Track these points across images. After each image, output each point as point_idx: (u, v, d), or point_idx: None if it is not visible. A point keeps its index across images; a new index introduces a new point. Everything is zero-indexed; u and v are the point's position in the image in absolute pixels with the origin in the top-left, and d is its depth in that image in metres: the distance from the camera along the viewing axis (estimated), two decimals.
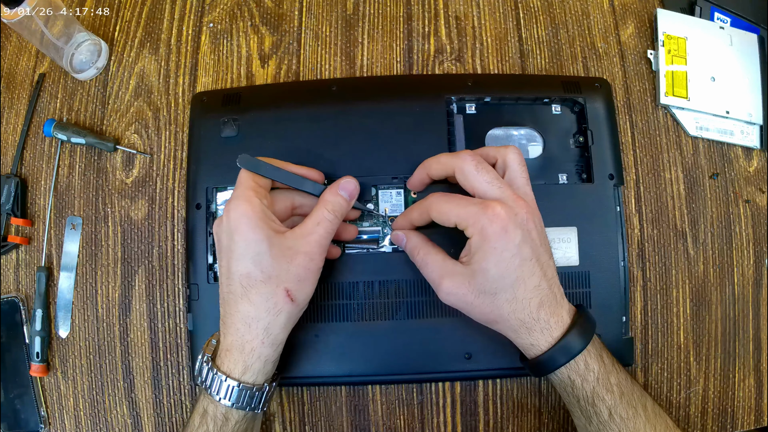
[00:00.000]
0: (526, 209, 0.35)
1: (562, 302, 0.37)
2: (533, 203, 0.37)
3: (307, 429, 0.46)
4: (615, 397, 0.35)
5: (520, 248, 0.34)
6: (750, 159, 0.51)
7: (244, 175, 0.38)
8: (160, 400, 0.47)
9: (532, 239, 0.35)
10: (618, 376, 0.36)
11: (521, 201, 0.36)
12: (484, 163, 0.37)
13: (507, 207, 0.35)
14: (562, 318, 0.36)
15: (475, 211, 0.35)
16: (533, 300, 0.35)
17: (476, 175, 0.36)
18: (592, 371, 0.35)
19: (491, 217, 0.34)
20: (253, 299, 0.36)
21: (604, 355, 0.37)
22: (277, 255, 0.35)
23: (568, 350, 0.35)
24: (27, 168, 0.50)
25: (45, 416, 0.47)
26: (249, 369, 0.36)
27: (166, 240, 0.48)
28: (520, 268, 0.35)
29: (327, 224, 0.37)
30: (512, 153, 0.38)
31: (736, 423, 0.47)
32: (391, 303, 0.43)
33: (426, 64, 0.51)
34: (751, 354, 0.48)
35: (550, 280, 0.36)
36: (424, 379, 0.45)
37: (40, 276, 0.47)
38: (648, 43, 0.52)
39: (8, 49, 0.53)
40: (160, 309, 0.47)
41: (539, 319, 0.35)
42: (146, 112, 0.50)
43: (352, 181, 0.40)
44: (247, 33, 0.52)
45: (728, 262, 0.49)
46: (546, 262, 0.36)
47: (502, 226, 0.34)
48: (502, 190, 0.36)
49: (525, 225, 0.35)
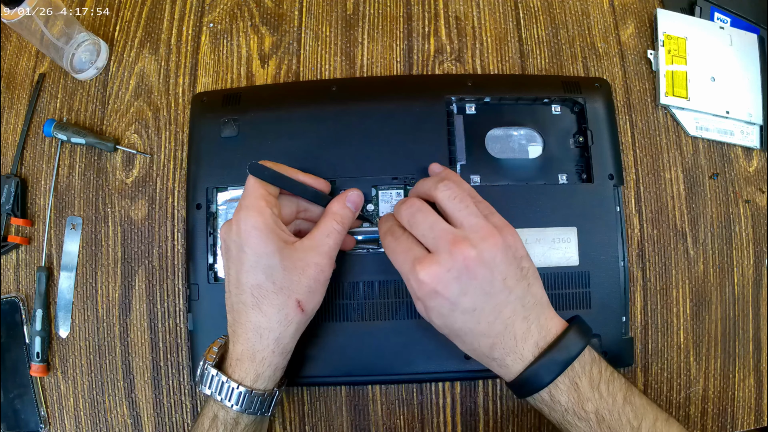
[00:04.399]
0: (463, 257, 0.32)
1: (527, 337, 0.34)
2: (484, 232, 0.34)
3: (307, 429, 0.46)
4: (591, 424, 0.34)
5: (458, 303, 0.33)
6: (750, 159, 0.51)
7: (253, 182, 0.37)
8: (160, 400, 0.47)
9: (476, 287, 0.33)
10: (599, 402, 0.34)
11: (459, 248, 0.33)
12: (417, 213, 0.35)
13: (434, 266, 0.33)
14: (522, 356, 0.34)
15: (406, 272, 0.35)
16: (483, 344, 0.34)
17: (410, 228, 0.36)
18: (558, 403, 0.34)
19: (417, 282, 0.34)
20: (264, 310, 0.36)
21: (583, 380, 0.34)
22: (289, 267, 0.36)
23: (526, 386, 0.34)
24: (27, 168, 0.50)
25: (45, 416, 0.47)
26: (260, 377, 0.37)
27: (166, 240, 0.48)
28: (462, 320, 0.34)
29: (336, 235, 0.38)
30: (440, 192, 0.36)
31: (736, 423, 0.47)
32: (391, 303, 0.43)
33: (426, 64, 0.51)
34: (751, 354, 0.48)
35: (507, 319, 0.34)
36: (424, 379, 0.45)
37: (40, 276, 0.47)
38: (648, 43, 0.52)
39: (8, 49, 0.53)
40: (160, 309, 0.47)
41: (494, 358, 0.35)
42: (146, 112, 0.50)
43: (358, 193, 0.40)
44: (247, 33, 0.52)
45: (728, 262, 0.49)
46: (503, 301, 0.34)
47: (429, 290, 0.33)
48: (435, 241, 0.34)
49: (463, 276, 0.33)
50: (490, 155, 0.46)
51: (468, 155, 0.45)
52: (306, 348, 0.42)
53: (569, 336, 0.34)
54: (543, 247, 0.44)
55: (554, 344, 0.34)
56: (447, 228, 0.34)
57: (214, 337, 0.41)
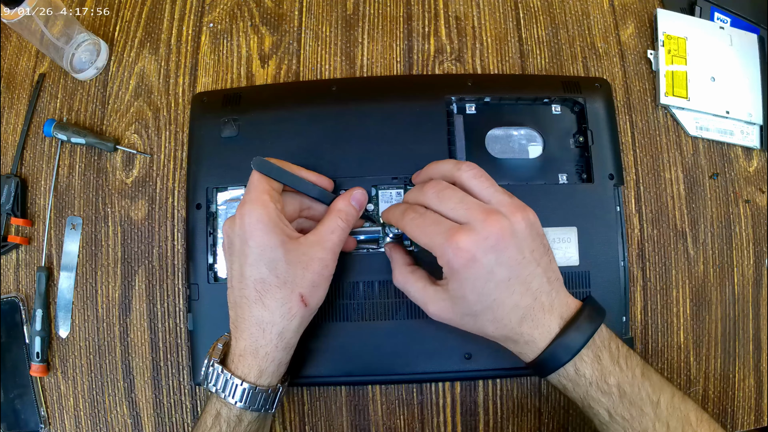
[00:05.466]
0: (499, 226, 0.33)
1: (552, 309, 0.35)
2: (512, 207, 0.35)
3: (307, 429, 0.46)
4: (614, 398, 0.35)
5: (493, 272, 0.33)
6: (750, 159, 0.51)
7: (257, 177, 0.37)
8: (160, 400, 0.47)
9: (509, 257, 0.34)
10: (620, 376, 0.35)
11: (492, 218, 0.33)
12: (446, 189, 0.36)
13: (473, 234, 0.33)
14: (549, 329, 0.35)
15: (439, 243, 0.34)
16: (513, 317, 0.35)
17: (439, 205, 0.36)
18: (583, 376, 0.35)
19: (455, 251, 0.33)
20: (267, 304, 0.36)
21: (604, 354, 0.35)
22: (293, 261, 0.36)
23: (553, 361, 0.35)
24: (27, 168, 0.50)
25: (45, 416, 0.47)
26: (264, 373, 0.36)
27: (166, 240, 0.48)
28: (496, 291, 0.34)
29: (340, 232, 0.38)
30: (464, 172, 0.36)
31: (736, 423, 0.47)
32: (391, 303, 0.43)
33: (426, 64, 0.51)
34: (751, 354, 0.48)
35: (535, 291, 0.35)
36: (424, 379, 0.45)
37: (40, 276, 0.47)
38: (648, 43, 0.52)
39: (8, 49, 0.53)
40: (160, 309, 0.47)
41: (522, 333, 0.35)
42: (146, 112, 0.50)
43: (362, 192, 0.40)
44: (247, 33, 0.52)
45: (728, 262, 0.49)
46: (531, 272, 0.35)
47: (468, 257, 0.33)
48: (468, 212, 0.34)
49: (499, 245, 0.33)
50: (490, 155, 0.46)
51: (468, 155, 0.45)
52: (306, 348, 0.42)
53: (589, 309, 0.36)
54: None
55: (577, 316, 0.35)
56: (478, 201, 0.35)
57: (214, 337, 0.41)
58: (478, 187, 0.36)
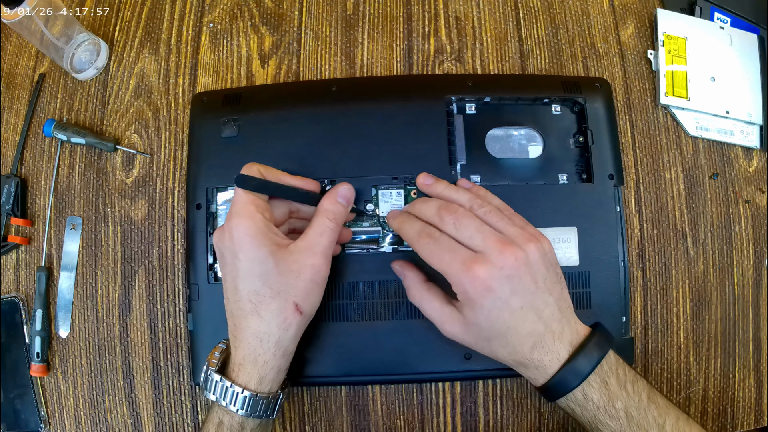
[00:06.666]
0: (514, 257, 0.34)
1: (562, 337, 0.36)
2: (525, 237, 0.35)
3: (307, 429, 0.46)
4: (621, 422, 0.35)
5: (508, 302, 0.34)
6: (750, 159, 0.51)
7: (241, 189, 0.38)
8: (160, 400, 0.47)
9: (523, 287, 0.34)
10: (627, 400, 0.35)
11: (509, 249, 0.34)
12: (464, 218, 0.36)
13: (489, 265, 0.34)
14: (559, 355, 0.36)
15: (456, 271, 0.34)
16: (526, 344, 0.35)
17: (456, 233, 0.36)
18: (591, 401, 0.35)
19: (471, 281, 0.34)
20: (263, 315, 0.36)
21: (611, 379, 0.36)
22: (284, 270, 0.36)
23: (562, 386, 0.36)
24: (27, 168, 0.50)
25: (45, 416, 0.47)
26: (264, 380, 0.37)
27: (166, 240, 0.48)
28: (510, 319, 0.35)
29: (330, 233, 0.38)
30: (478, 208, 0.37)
31: (736, 423, 0.47)
32: (391, 303, 0.43)
33: (426, 64, 0.51)
34: (751, 354, 0.48)
35: (547, 319, 0.36)
36: (424, 379, 0.45)
37: (40, 276, 0.47)
38: (648, 43, 0.52)
39: (8, 49, 0.53)
40: (160, 309, 0.47)
41: (533, 359, 0.36)
42: (146, 112, 0.50)
43: (348, 187, 0.40)
44: (247, 33, 0.52)
45: (728, 262, 0.49)
46: (544, 301, 0.35)
47: (484, 287, 0.34)
48: (485, 242, 0.35)
49: (514, 275, 0.34)
50: (490, 155, 0.46)
51: (468, 155, 0.45)
52: (306, 348, 0.42)
53: (597, 336, 0.37)
54: None
55: (586, 343, 0.36)
56: (494, 231, 0.36)
57: (215, 338, 0.41)
58: (492, 221, 0.37)
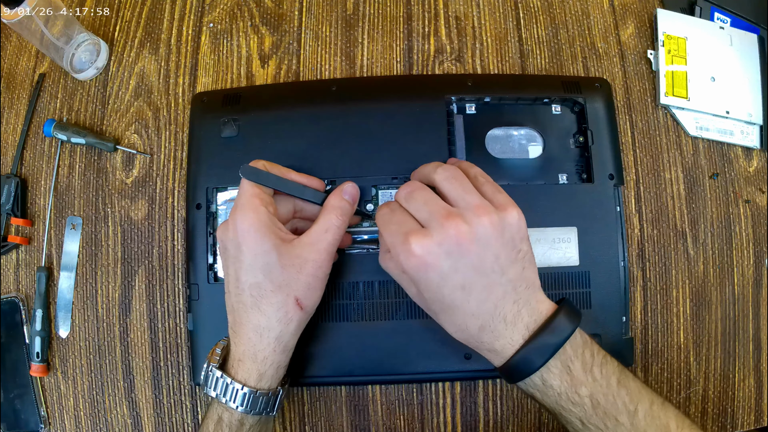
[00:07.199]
0: (456, 231, 0.32)
1: (515, 322, 0.33)
2: (480, 209, 0.33)
3: (307, 429, 0.46)
4: (586, 409, 0.33)
5: (447, 278, 0.33)
6: (750, 159, 0.51)
7: (247, 182, 0.38)
8: (160, 400, 0.47)
9: (467, 264, 0.32)
10: (593, 386, 0.33)
11: (451, 223, 0.32)
12: (416, 191, 0.35)
13: (428, 239, 0.32)
14: (512, 340, 0.33)
15: (396, 243, 0.34)
16: (471, 325, 0.34)
17: (407, 205, 0.35)
18: (551, 387, 0.33)
19: (406, 254, 0.33)
20: (264, 309, 0.36)
21: (575, 364, 0.33)
22: (287, 264, 0.36)
23: (517, 371, 0.33)
24: (27, 168, 0.50)
25: (45, 416, 0.47)
26: (263, 376, 0.36)
27: (166, 240, 0.48)
28: (450, 296, 0.33)
29: (335, 230, 0.37)
30: (437, 174, 0.35)
31: (736, 423, 0.47)
32: (391, 303, 0.43)
33: (426, 64, 0.51)
34: (751, 354, 0.48)
35: (497, 301, 0.33)
36: (424, 379, 0.45)
37: (40, 276, 0.47)
38: (648, 43, 0.52)
39: (8, 49, 0.53)
40: (160, 309, 0.47)
41: (483, 341, 0.34)
42: (146, 112, 0.50)
43: (353, 185, 0.40)
44: (247, 33, 0.52)
45: (728, 262, 0.49)
46: (493, 281, 0.33)
47: (418, 263, 0.33)
48: (431, 215, 0.33)
49: (454, 251, 0.32)
50: (490, 155, 0.46)
51: (468, 155, 0.45)
52: (306, 348, 0.42)
53: (558, 318, 0.34)
54: (543, 247, 0.44)
55: (543, 327, 0.33)
56: (442, 204, 0.34)
57: (214, 337, 0.41)
58: (447, 189, 0.35)
